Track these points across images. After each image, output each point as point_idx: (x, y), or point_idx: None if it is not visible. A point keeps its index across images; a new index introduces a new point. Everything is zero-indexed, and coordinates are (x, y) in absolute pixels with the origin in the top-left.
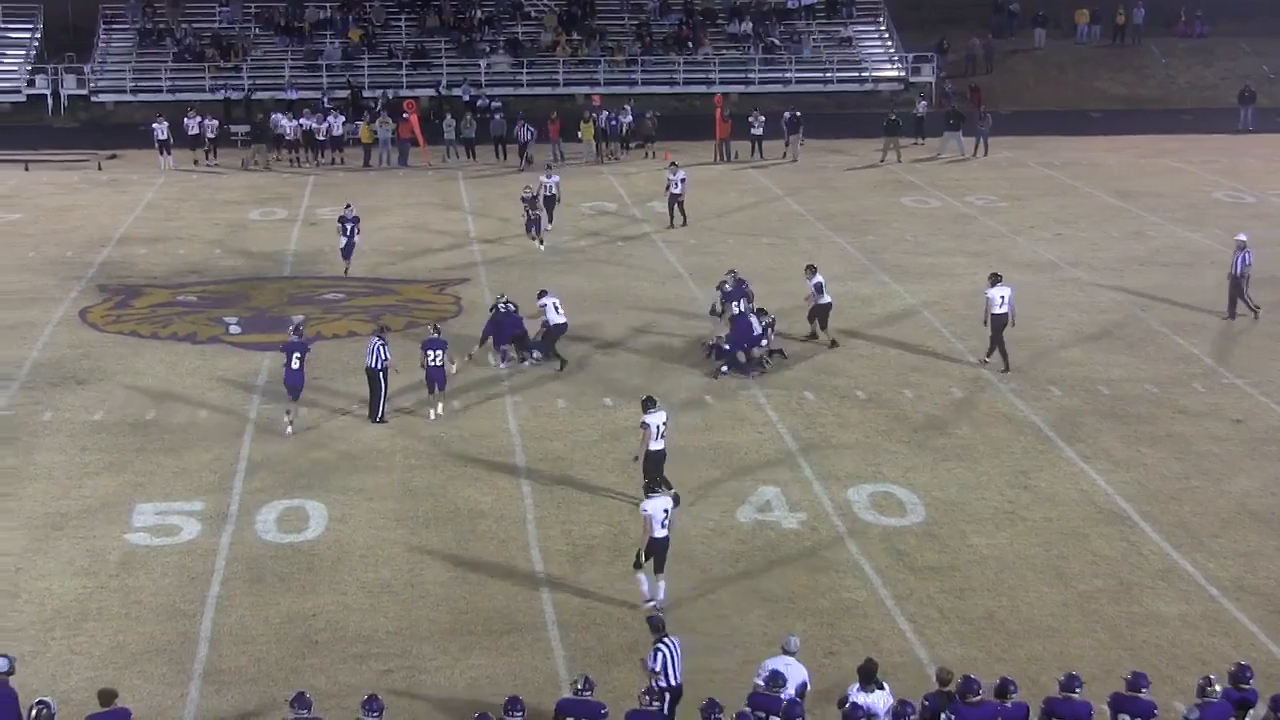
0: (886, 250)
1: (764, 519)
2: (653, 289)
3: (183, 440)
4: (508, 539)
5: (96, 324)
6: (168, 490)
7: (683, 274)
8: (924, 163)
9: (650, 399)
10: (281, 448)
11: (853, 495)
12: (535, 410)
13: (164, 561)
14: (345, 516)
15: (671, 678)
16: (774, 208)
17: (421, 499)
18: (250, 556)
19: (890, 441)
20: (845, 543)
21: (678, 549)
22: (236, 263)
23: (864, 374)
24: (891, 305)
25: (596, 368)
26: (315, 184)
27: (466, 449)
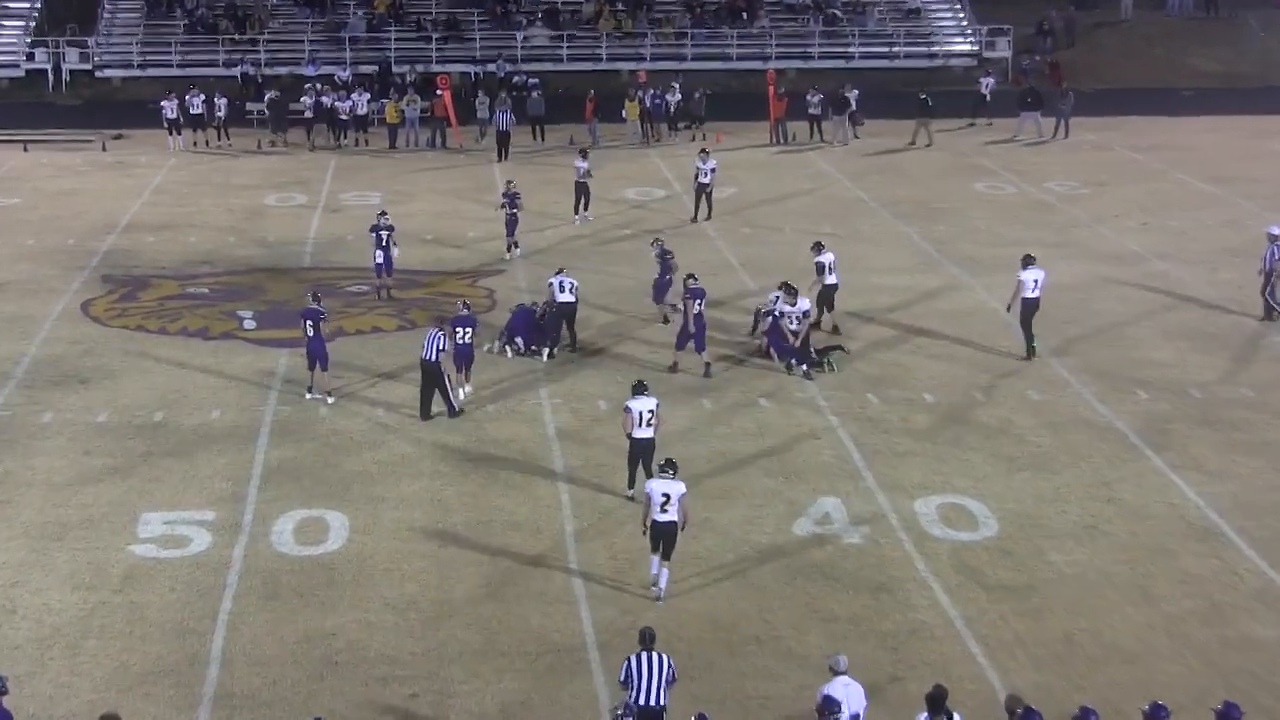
0: (957, 240)
1: (823, 532)
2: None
3: (193, 444)
4: (545, 552)
5: (100, 318)
6: (176, 498)
7: (735, 265)
8: (999, 145)
9: (640, 383)
10: (300, 453)
11: (920, 507)
12: (575, 413)
13: (172, 575)
14: (368, 527)
15: (641, 695)
16: (834, 194)
17: (451, 509)
18: (265, 570)
19: (960, 449)
20: (911, 559)
21: (728, 564)
22: (251, 252)
23: (932, 375)
24: (962, 300)
25: (640, 366)
26: (337, 167)
27: (500, 455)
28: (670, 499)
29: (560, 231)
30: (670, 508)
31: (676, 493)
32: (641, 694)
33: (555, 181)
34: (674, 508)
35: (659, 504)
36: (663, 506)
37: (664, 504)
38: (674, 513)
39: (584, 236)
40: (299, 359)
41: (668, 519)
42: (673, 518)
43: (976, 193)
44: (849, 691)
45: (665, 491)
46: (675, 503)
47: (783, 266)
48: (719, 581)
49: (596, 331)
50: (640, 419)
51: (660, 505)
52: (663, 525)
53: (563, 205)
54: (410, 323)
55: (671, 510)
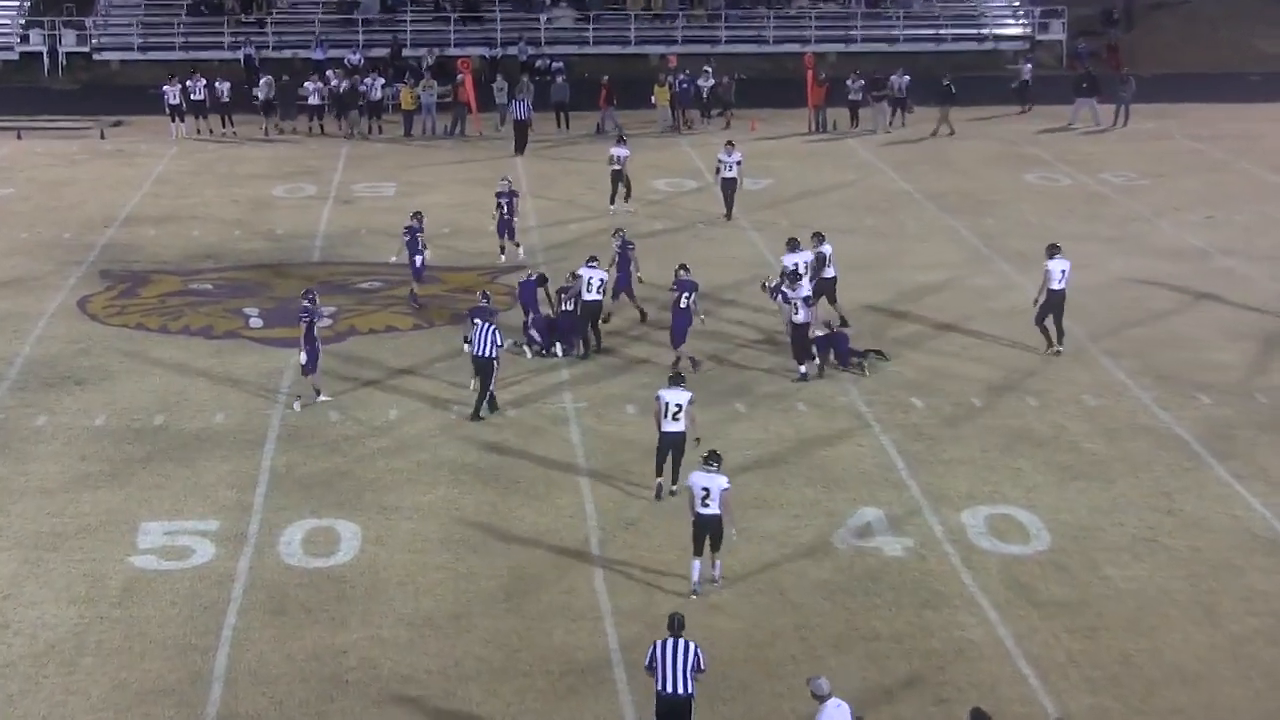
0: (1007, 235)
1: (864, 545)
2: (736, 278)
3: (196, 449)
4: (569, 566)
5: (98, 315)
6: (178, 507)
7: (771, 262)
8: (1052, 134)
9: (677, 374)
10: (309, 459)
11: (967, 518)
12: (601, 417)
13: (173, 588)
14: (382, 538)
15: (668, 683)
16: (877, 185)
17: (470, 520)
18: (272, 583)
19: (1010, 456)
20: (958, 573)
21: (763, 578)
22: (258, 246)
23: (980, 378)
24: (1012, 299)
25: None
26: (349, 156)
27: (522, 462)
28: (710, 493)
29: (584, 225)
30: (711, 501)
31: (717, 487)
32: (667, 682)
33: (580, 172)
34: (714, 501)
35: (700, 498)
36: (703, 500)
37: (704, 498)
38: (715, 506)
39: (609, 229)
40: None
41: (710, 513)
42: (715, 511)
43: (1028, 184)
44: (840, 714)
45: (705, 485)
46: (715, 497)
47: None
48: (753, 596)
49: (624, 331)
50: (667, 410)
51: (701, 499)
52: (705, 519)
53: (589, 197)
54: (427, 321)
55: (713, 504)
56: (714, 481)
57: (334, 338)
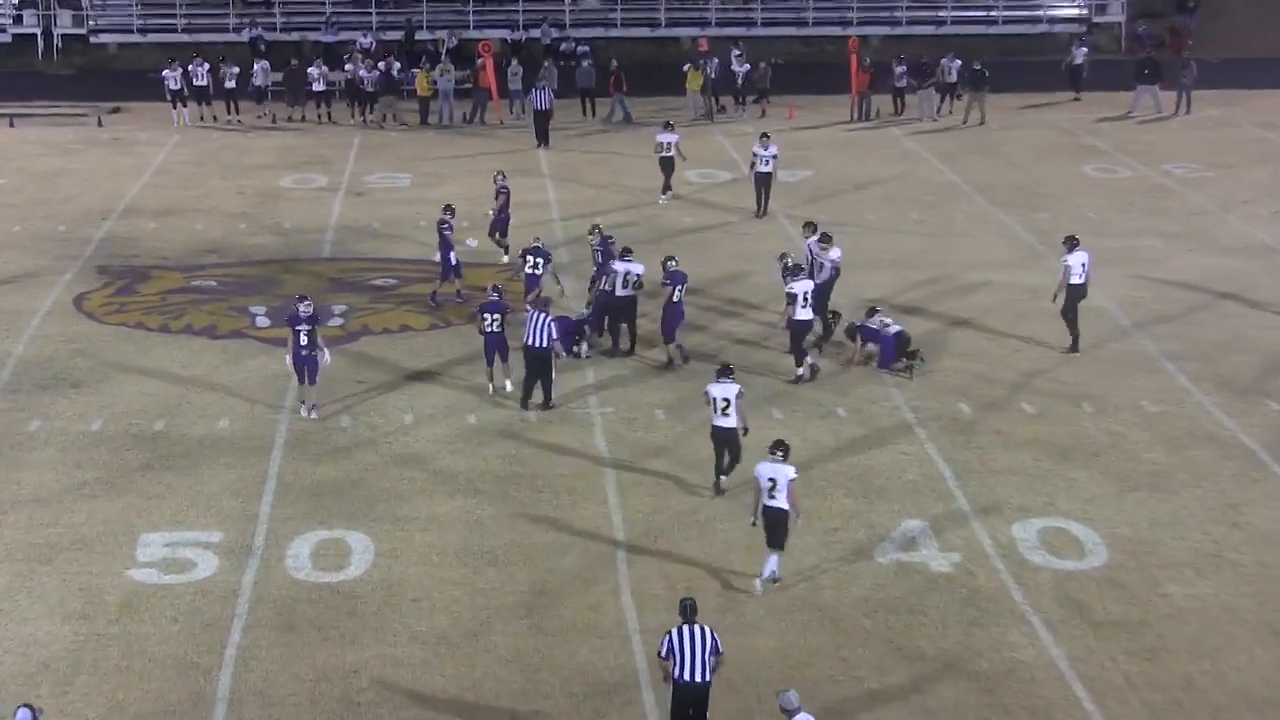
0: (1063, 230)
1: (909, 560)
2: (774, 276)
3: (198, 457)
4: (594, 580)
5: (94, 314)
6: (179, 517)
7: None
8: (1111, 122)
9: (725, 366)
10: (318, 467)
11: (1018, 532)
12: (629, 423)
13: (174, 604)
14: (395, 551)
15: (686, 671)
16: (923, 177)
17: (489, 531)
18: (279, 599)
19: (1065, 466)
20: (1009, 590)
21: (801, 595)
22: (265, 240)
23: (1034, 382)
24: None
25: (703, 371)
26: (361, 145)
27: (545, 469)
28: (777, 484)
29: (611, 218)
30: (778, 493)
31: (783, 478)
32: (686, 669)
33: (605, 162)
34: (781, 493)
35: (766, 489)
36: (770, 492)
37: (771, 489)
38: (782, 499)
39: (637, 224)
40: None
41: (775, 505)
42: (781, 504)
43: (1085, 176)
44: None
45: (771, 476)
46: (782, 488)
47: (865, 259)
48: (790, 614)
49: (652, 332)
50: (715, 405)
51: (768, 491)
52: (771, 512)
53: (616, 188)
54: (444, 321)
55: (779, 496)
56: (780, 472)
57: (345, 338)
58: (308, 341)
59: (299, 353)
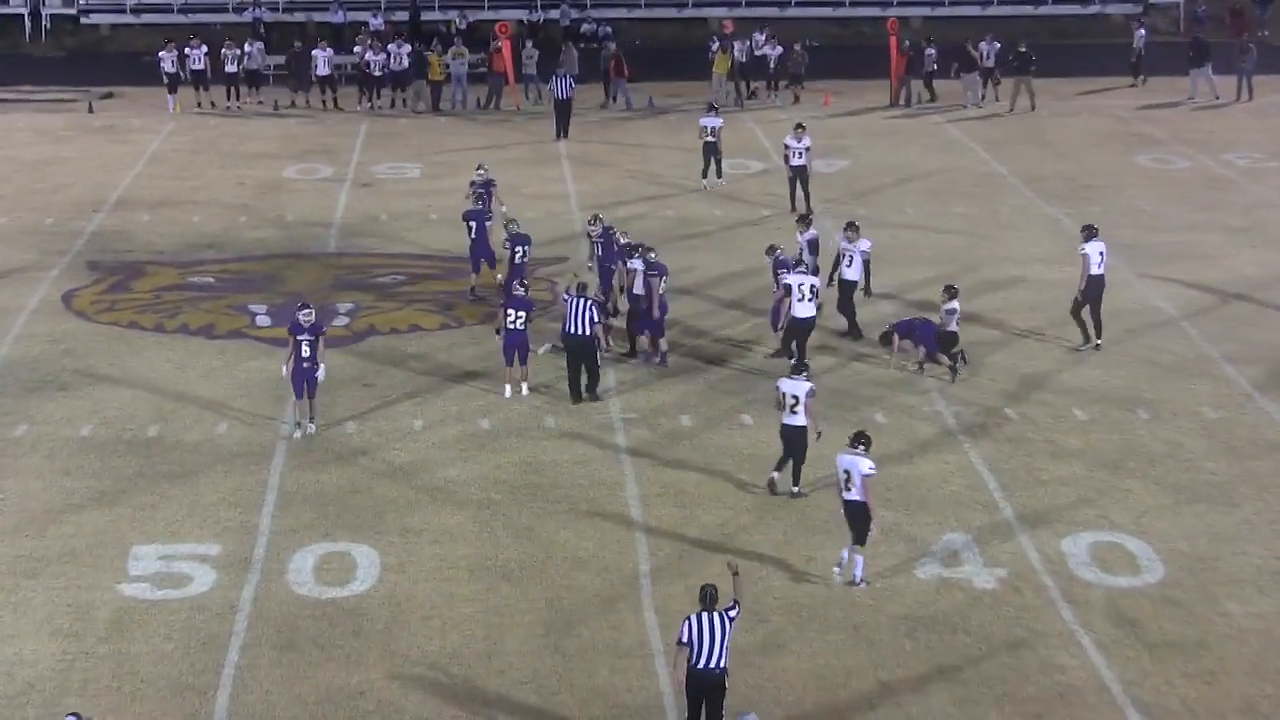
0: (1116, 225)
1: (951, 575)
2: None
3: (195, 464)
4: (614, 597)
5: (85, 312)
6: (174, 529)
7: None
8: (1167, 109)
9: (800, 363)
10: (322, 476)
11: (1069, 546)
12: (652, 429)
13: (168, 620)
14: (403, 565)
15: (704, 658)
16: (968, 167)
17: (503, 543)
18: (280, 615)
19: (1118, 476)
20: (1058, 608)
21: (836, 612)
22: (266, 234)
23: (1085, 386)
24: (1122, 298)
25: (733, 374)
26: (369, 133)
27: (563, 478)
28: (851, 477)
29: (632, 209)
30: (852, 486)
31: (858, 471)
32: (703, 657)
33: (628, 152)
34: (856, 487)
35: (841, 481)
36: (845, 485)
37: (845, 481)
38: (857, 492)
39: (663, 216)
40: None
41: (852, 498)
42: (857, 497)
43: (1139, 166)
44: None
45: (846, 468)
46: (857, 482)
47: (904, 255)
48: (825, 633)
49: (676, 330)
50: (784, 402)
51: (843, 483)
52: (847, 506)
53: (640, 179)
54: (457, 320)
55: (854, 489)
56: (855, 465)
57: (351, 338)
58: (309, 353)
59: (299, 364)
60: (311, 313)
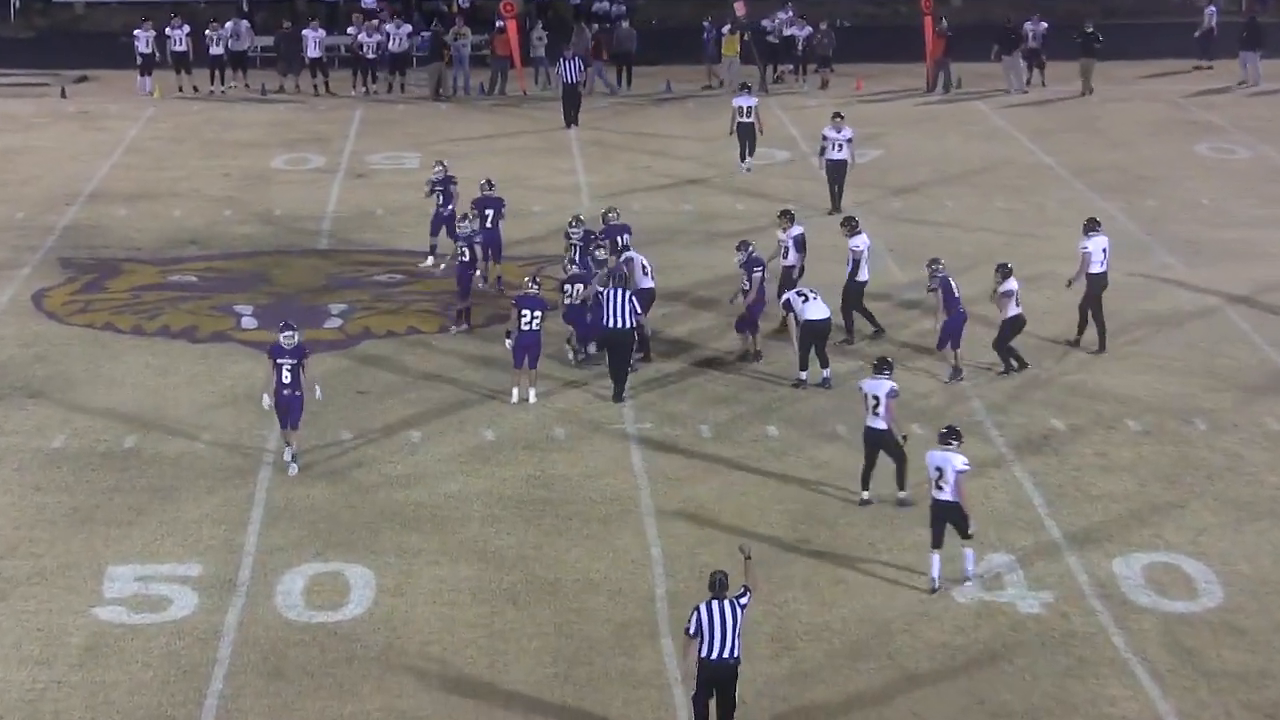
0: (1173, 220)
1: (993, 599)
2: (839, 270)
3: (175, 477)
4: (629, 621)
5: (57, 313)
6: (153, 547)
7: (880, 251)
8: (1226, 94)
9: (883, 360)
10: (313, 490)
11: (1120, 568)
12: (669, 440)
13: (146, 647)
14: (400, 587)
15: (715, 648)
16: (1011, 157)
17: (509, 564)
18: (267, 641)
19: (1175, 492)
20: (1109, 634)
21: (867, 639)
22: (253, 230)
23: (1138, 395)
24: (1178, 298)
25: (756, 381)
26: (364, 119)
27: (573, 493)
28: (944, 474)
29: (648, 201)
30: (945, 484)
31: (951, 468)
32: (715, 647)
33: (643, 141)
34: (949, 485)
35: (933, 480)
36: (937, 483)
37: (938, 479)
38: (950, 491)
39: (681, 210)
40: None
41: (944, 498)
42: (950, 497)
43: (1199, 156)
44: None
45: (939, 466)
46: (949, 479)
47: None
48: (856, 662)
49: (694, 333)
50: (867, 403)
51: (935, 481)
52: (940, 504)
53: (652, 172)
54: (457, 322)
55: (947, 488)
56: (948, 461)
57: (345, 341)
58: (291, 379)
59: (280, 391)
60: (294, 335)
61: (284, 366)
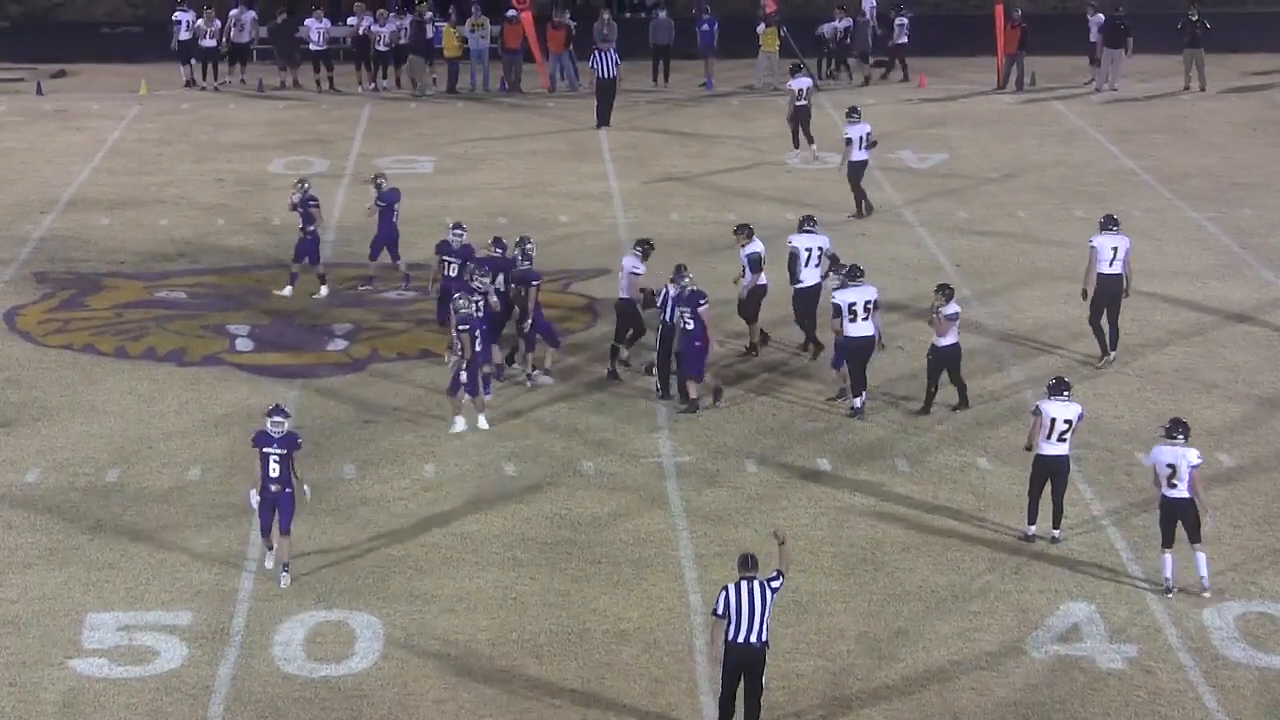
0: (1271, 232)
1: (1070, 653)
2: (898, 285)
3: (162, 516)
4: (664, 677)
5: (31, 333)
6: (137, 593)
7: (943, 263)
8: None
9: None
10: (315, 530)
11: (1211, 619)
12: (709, 478)
13: (129, 703)
14: (411, 638)
15: (743, 631)
16: (1091, 161)
17: (532, 612)
18: (264, 697)
19: (1273, 534)
20: (1198, 692)
21: (931, 695)
22: (249, 240)
23: (1231, 422)
24: (1277, 316)
25: (806, 410)
26: (372, 118)
27: (603, 535)
28: (1176, 471)
29: (691, 212)
30: (1178, 481)
31: (1185, 463)
32: (743, 630)
33: (683, 142)
34: (1182, 481)
35: (1164, 477)
36: (1169, 480)
37: (1170, 477)
38: (1184, 488)
39: (722, 220)
40: (313, 395)
41: (1177, 495)
42: (1183, 494)
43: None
44: None
45: (1170, 462)
46: (1183, 476)
47: (1013, 266)
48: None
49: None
50: (1052, 428)
51: (1166, 479)
52: (1172, 504)
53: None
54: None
55: (1180, 485)
56: (1180, 457)
57: (350, 365)
58: (280, 472)
59: (267, 487)
60: (283, 421)
61: (271, 458)
